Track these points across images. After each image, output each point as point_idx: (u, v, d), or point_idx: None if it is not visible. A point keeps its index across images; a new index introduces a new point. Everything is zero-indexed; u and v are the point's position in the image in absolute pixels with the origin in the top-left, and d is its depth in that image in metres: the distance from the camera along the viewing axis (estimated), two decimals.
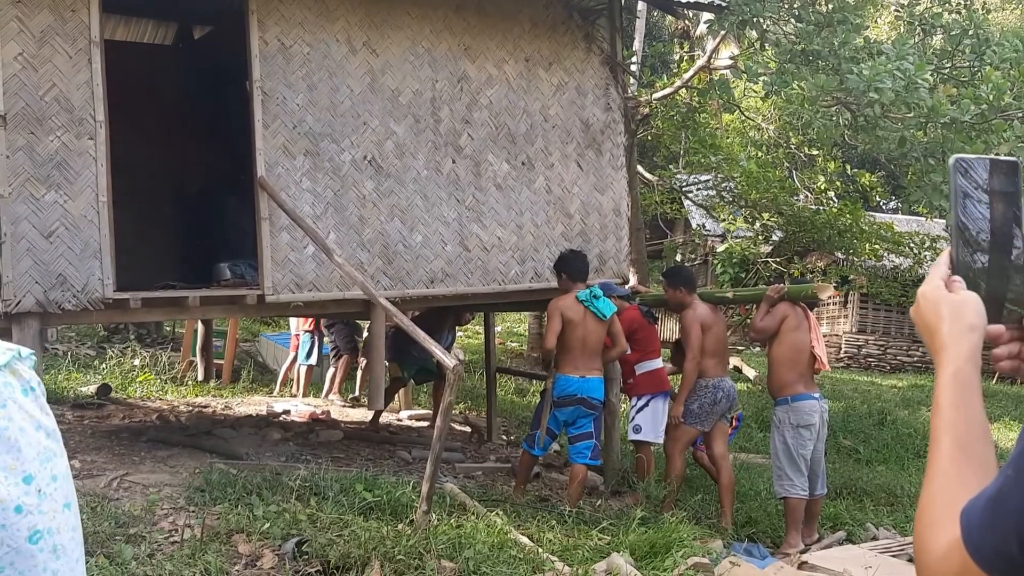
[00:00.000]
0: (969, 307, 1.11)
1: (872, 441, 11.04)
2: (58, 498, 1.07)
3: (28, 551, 1.02)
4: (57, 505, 1.06)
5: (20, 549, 1.01)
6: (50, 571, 1.04)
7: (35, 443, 1.04)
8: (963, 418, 1.04)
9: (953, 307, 1.11)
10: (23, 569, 1.01)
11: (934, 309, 1.13)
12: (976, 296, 1.12)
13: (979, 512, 0.92)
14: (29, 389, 1.06)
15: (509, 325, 20.43)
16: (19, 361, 1.07)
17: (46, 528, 1.04)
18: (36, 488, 1.03)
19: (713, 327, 6.91)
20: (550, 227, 7.49)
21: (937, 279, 1.15)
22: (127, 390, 10.17)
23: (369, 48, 6.65)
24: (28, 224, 5.51)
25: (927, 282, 1.16)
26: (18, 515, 1.01)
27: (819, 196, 15.38)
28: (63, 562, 1.06)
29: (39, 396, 1.08)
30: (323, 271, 6.42)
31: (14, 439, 1.02)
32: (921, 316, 1.15)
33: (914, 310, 1.17)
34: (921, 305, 1.15)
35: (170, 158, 8.95)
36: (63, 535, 1.06)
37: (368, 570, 4.51)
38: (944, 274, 1.15)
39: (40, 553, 1.03)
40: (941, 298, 1.13)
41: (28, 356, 1.09)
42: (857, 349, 20.93)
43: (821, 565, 5.42)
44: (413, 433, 9.20)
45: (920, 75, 7.19)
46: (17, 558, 1.01)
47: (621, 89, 8.00)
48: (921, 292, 1.16)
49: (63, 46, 5.59)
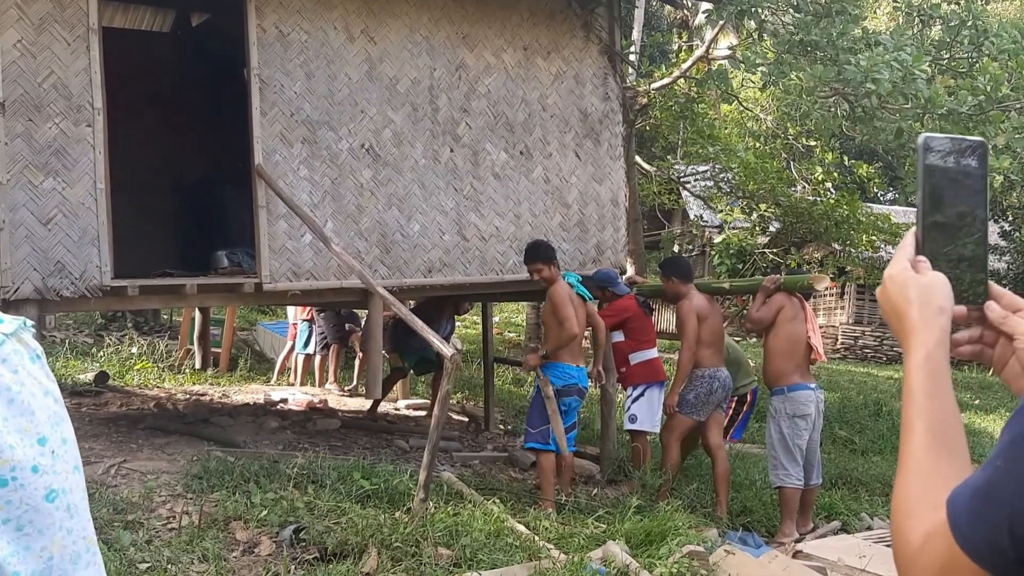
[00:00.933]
0: (937, 289, 1.09)
1: (867, 432, 11.07)
2: (69, 460, 1.10)
3: (46, 509, 1.05)
4: (68, 467, 1.10)
5: (38, 507, 1.05)
6: (65, 529, 1.08)
7: (45, 407, 1.08)
8: (936, 406, 1.02)
9: (922, 289, 1.09)
10: (41, 527, 1.05)
11: (902, 291, 1.10)
12: (944, 277, 1.09)
13: (967, 502, 0.91)
14: (36, 356, 1.10)
15: (507, 315, 20.44)
16: (24, 330, 1.11)
17: (60, 487, 1.07)
18: (50, 449, 1.07)
19: (710, 318, 6.93)
20: (548, 217, 7.50)
21: (904, 260, 1.12)
22: (125, 378, 10.18)
23: (367, 36, 6.64)
24: (26, 211, 5.51)
25: (893, 264, 1.13)
26: (35, 475, 1.04)
27: (816, 187, 15.39)
28: (76, 521, 1.10)
29: (44, 364, 1.12)
30: (320, 260, 6.42)
31: (27, 403, 1.05)
32: (888, 299, 1.12)
33: (880, 292, 1.14)
34: (888, 287, 1.12)
35: (168, 146, 8.94)
36: (75, 495, 1.10)
37: (365, 557, 4.53)
38: (910, 255, 1.13)
39: (56, 511, 1.06)
40: (909, 280, 1.10)
41: (30, 326, 1.12)
42: (853, 340, 20.97)
43: (816, 554, 5.45)
44: (411, 422, 9.22)
45: (918, 66, 7.19)
46: (36, 516, 1.05)
47: (619, 79, 7.99)
48: (888, 274, 1.13)
49: (61, 33, 5.58)
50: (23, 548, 1.04)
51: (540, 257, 6.46)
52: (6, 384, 1.04)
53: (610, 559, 4.58)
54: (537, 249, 6.53)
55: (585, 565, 4.44)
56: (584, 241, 7.67)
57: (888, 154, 16.09)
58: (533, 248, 6.57)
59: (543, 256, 6.46)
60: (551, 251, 6.52)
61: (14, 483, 1.03)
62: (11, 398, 1.04)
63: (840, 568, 5.18)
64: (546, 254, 6.47)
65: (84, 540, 1.11)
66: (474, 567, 4.53)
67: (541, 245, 6.60)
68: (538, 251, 6.51)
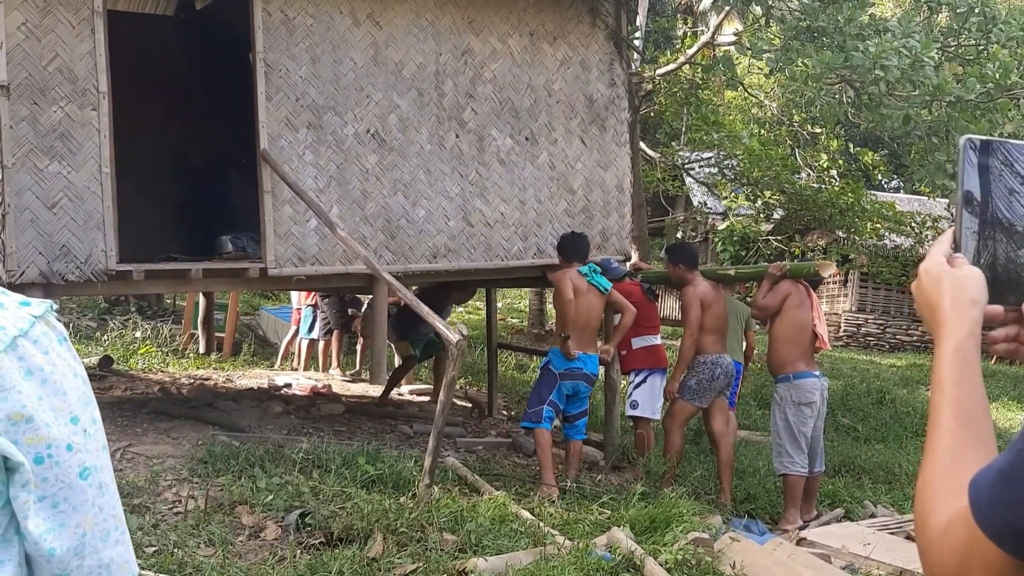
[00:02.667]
0: (971, 282, 1.10)
1: (871, 419, 11.08)
2: (99, 439, 1.14)
3: (80, 487, 1.09)
4: (98, 446, 1.14)
5: (72, 484, 1.09)
6: (97, 506, 1.11)
7: (75, 388, 1.12)
8: (965, 393, 1.03)
9: (955, 282, 1.11)
10: (76, 504, 1.09)
11: (935, 284, 1.12)
12: (978, 271, 1.11)
13: (988, 485, 0.92)
14: (63, 339, 1.14)
15: (510, 301, 20.44)
16: (50, 313, 1.16)
17: (93, 465, 1.11)
18: (82, 428, 1.11)
19: (713, 304, 6.92)
20: (553, 203, 7.48)
21: (939, 255, 1.14)
22: (129, 362, 10.20)
23: (373, 20, 6.61)
24: (31, 195, 5.51)
25: (929, 258, 1.15)
26: (69, 453, 1.08)
27: (821, 174, 15.36)
28: (107, 499, 1.13)
29: (70, 346, 1.16)
30: (326, 245, 6.42)
31: (59, 383, 1.09)
32: (922, 291, 1.14)
33: (915, 285, 1.16)
34: (923, 280, 1.15)
35: (173, 130, 8.92)
36: (105, 474, 1.14)
37: (371, 542, 4.54)
38: (946, 251, 1.15)
39: (89, 489, 1.10)
40: (943, 273, 1.12)
41: (54, 309, 1.17)
42: (857, 328, 20.96)
43: (819, 542, 5.46)
44: (414, 407, 9.23)
45: (926, 53, 7.16)
46: (70, 493, 1.09)
47: (626, 64, 7.95)
48: (923, 268, 1.15)
49: (66, 16, 5.55)
50: (59, 525, 1.07)
51: (558, 251, 6.93)
52: (39, 364, 1.08)
53: (615, 545, 4.59)
54: (560, 240, 6.99)
55: (590, 551, 4.45)
56: (589, 227, 7.65)
57: (894, 141, 16.04)
58: (560, 239, 7.02)
59: (559, 250, 6.92)
60: (563, 246, 6.88)
61: (50, 460, 1.07)
62: (44, 378, 1.07)
63: (844, 555, 5.20)
64: (560, 249, 6.90)
65: (114, 518, 1.14)
66: (479, 553, 4.54)
67: (562, 236, 6.99)
68: (558, 246, 6.98)
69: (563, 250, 6.85)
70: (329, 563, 4.25)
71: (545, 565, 4.29)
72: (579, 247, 6.81)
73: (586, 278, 6.60)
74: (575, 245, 6.82)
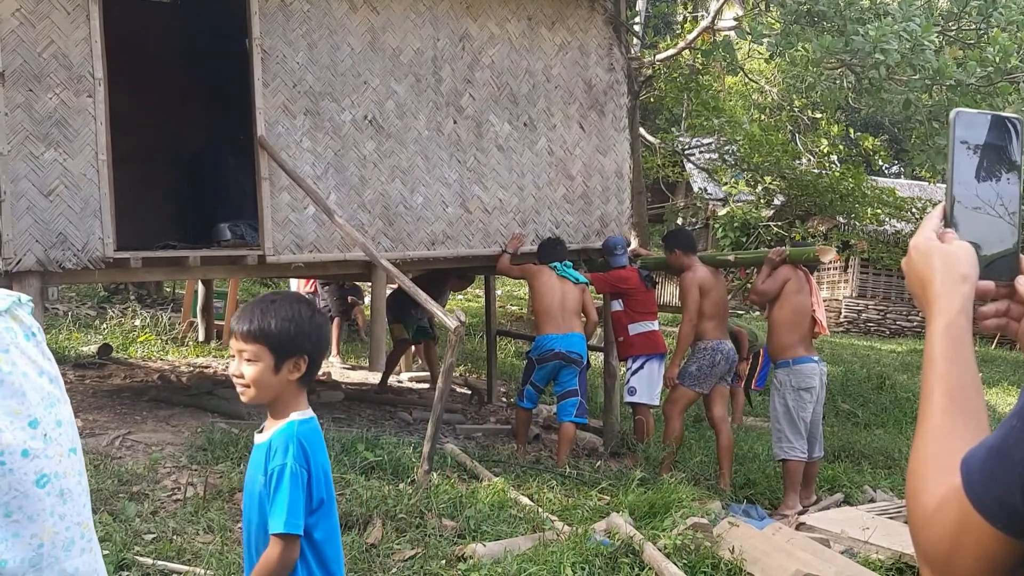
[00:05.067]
0: (962, 258, 1.09)
1: (870, 405, 11.09)
2: (64, 443, 1.06)
3: (36, 495, 1.01)
4: (63, 450, 1.06)
5: (28, 493, 1.01)
6: (57, 514, 1.04)
7: (39, 388, 1.04)
8: (956, 370, 1.03)
9: (946, 258, 1.10)
10: (31, 513, 1.01)
11: (926, 260, 1.11)
12: (969, 247, 1.10)
13: (980, 462, 0.91)
14: (31, 334, 1.06)
15: (509, 288, 20.42)
16: (19, 307, 1.06)
17: (53, 472, 1.03)
18: (42, 432, 1.03)
19: (713, 290, 6.91)
20: (552, 189, 7.46)
21: (929, 231, 1.14)
22: (128, 350, 10.19)
23: (370, 6, 6.58)
24: (28, 182, 5.49)
25: (919, 234, 1.14)
26: (25, 459, 1.01)
27: (822, 160, 15.30)
28: (70, 506, 1.06)
29: (40, 341, 1.07)
30: (324, 232, 6.40)
31: (18, 384, 1.01)
32: (913, 267, 1.14)
33: (905, 262, 1.15)
34: (913, 257, 1.14)
35: (170, 117, 8.88)
36: (70, 479, 1.06)
37: (370, 528, 4.55)
38: (936, 226, 1.14)
39: (48, 497, 1.03)
40: (933, 249, 1.11)
41: (27, 302, 1.09)
42: (857, 314, 20.96)
43: (819, 526, 5.46)
44: (413, 394, 9.23)
45: (926, 36, 7.12)
46: (25, 502, 1.01)
47: (624, 49, 7.91)
48: (913, 244, 1.14)
49: (60, 1, 5.52)
50: (11, 535, 1.00)
51: (537, 255, 7.18)
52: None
53: (614, 531, 4.59)
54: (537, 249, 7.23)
55: (589, 537, 4.45)
56: (588, 213, 7.63)
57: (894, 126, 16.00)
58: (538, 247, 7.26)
59: (537, 254, 7.18)
60: (542, 251, 7.14)
61: (2, 468, 1.00)
62: (0, 379, 1.00)
63: (843, 540, 5.20)
64: (538, 253, 7.17)
65: (78, 526, 1.07)
66: (478, 538, 4.55)
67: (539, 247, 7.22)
68: (537, 251, 7.22)
69: (540, 254, 7.15)
70: None
71: (544, 550, 4.29)
72: (554, 252, 7.10)
73: (557, 271, 6.96)
74: (550, 250, 7.12)
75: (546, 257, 7.08)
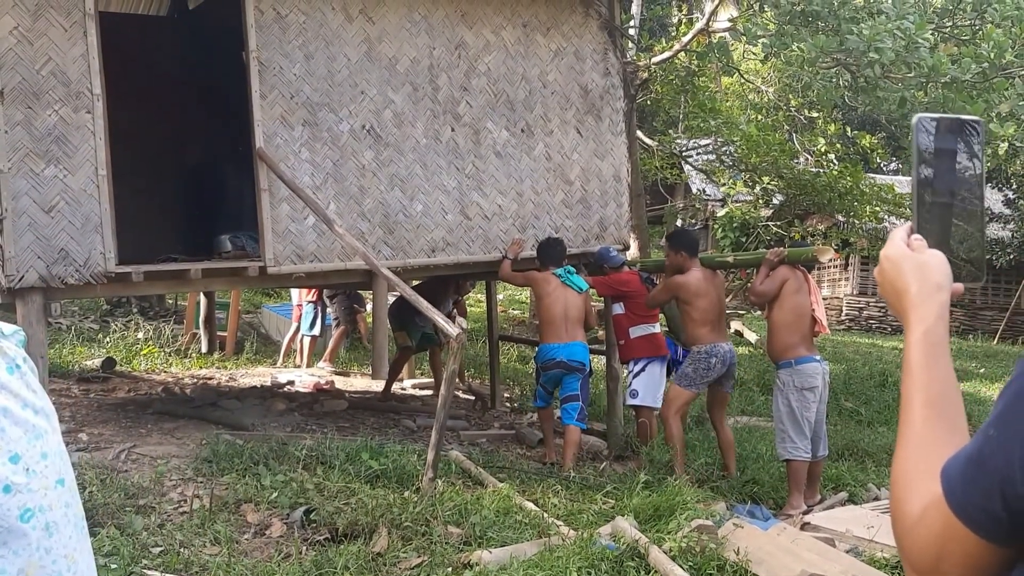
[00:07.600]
0: (935, 266, 1.10)
1: (873, 403, 11.08)
2: (49, 475, 1.05)
3: (20, 530, 1.01)
4: (48, 482, 1.05)
5: (12, 528, 1.00)
6: (43, 548, 1.03)
7: (22, 422, 1.02)
8: (935, 378, 1.04)
9: (920, 267, 1.10)
10: (16, 548, 1.00)
11: (899, 270, 1.12)
12: (941, 255, 1.11)
13: (960, 471, 0.92)
14: (14, 367, 1.04)
15: (511, 293, 20.42)
16: (3, 339, 1.05)
17: (37, 506, 1.03)
18: (24, 467, 1.02)
19: (709, 293, 6.90)
20: (550, 194, 7.48)
21: (899, 240, 1.14)
22: (132, 363, 10.21)
23: (365, 16, 6.60)
24: (28, 199, 5.51)
25: (889, 244, 1.15)
26: (7, 495, 1.00)
27: (819, 159, 15.33)
28: (56, 539, 1.05)
29: (25, 373, 1.05)
30: (324, 242, 6.42)
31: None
32: (886, 277, 1.14)
33: (878, 272, 1.16)
34: (885, 267, 1.14)
35: (169, 131, 8.92)
36: (56, 512, 1.05)
37: (376, 537, 4.56)
38: (905, 235, 1.14)
39: (33, 531, 1.02)
40: (905, 257, 1.12)
41: (13, 333, 1.06)
42: (858, 311, 20.96)
43: (824, 526, 5.47)
44: (417, 402, 9.25)
45: (920, 34, 7.14)
46: (10, 537, 1.00)
47: (620, 53, 7.94)
48: (884, 254, 1.15)
49: (58, 19, 5.55)
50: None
51: (537, 257, 7.21)
52: None
53: (619, 535, 4.60)
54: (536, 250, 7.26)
55: (594, 541, 4.47)
56: (587, 218, 7.66)
57: (891, 124, 16.00)
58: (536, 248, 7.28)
59: (537, 256, 7.20)
60: (541, 252, 7.17)
61: None
62: None
63: (848, 539, 5.21)
64: (538, 254, 7.19)
65: (65, 559, 1.06)
66: (484, 545, 4.56)
67: (538, 248, 7.23)
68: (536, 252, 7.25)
69: (540, 255, 7.16)
70: (335, 559, 4.27)
71: (550, 556, 4.30)
72: (553, 252, 7.12)
73: (561, 279, 7.00)
74: (550, 250, 7.14)
75: (546, 258, 7.10)
